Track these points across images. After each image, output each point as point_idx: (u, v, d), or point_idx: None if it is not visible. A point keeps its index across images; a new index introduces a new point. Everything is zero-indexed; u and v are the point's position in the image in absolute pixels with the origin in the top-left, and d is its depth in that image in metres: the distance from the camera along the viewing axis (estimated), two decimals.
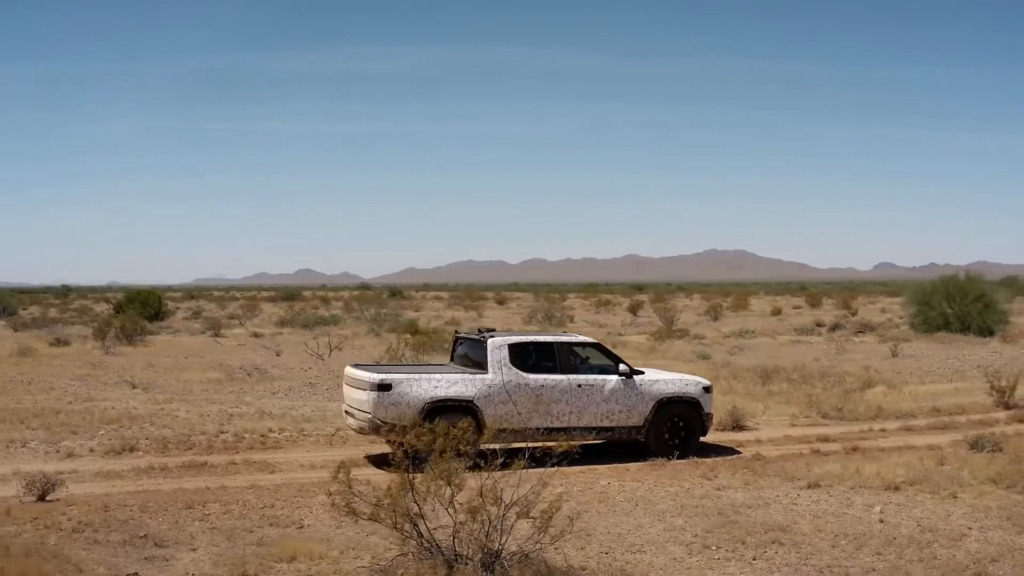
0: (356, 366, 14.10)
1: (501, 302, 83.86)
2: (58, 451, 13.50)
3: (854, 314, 50.00)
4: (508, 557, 7.70)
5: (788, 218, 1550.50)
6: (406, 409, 12.65)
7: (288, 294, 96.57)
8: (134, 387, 20.07)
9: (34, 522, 9.48)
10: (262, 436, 14.77)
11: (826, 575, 8.16)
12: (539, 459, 8.30)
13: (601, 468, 12.79)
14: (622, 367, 13.80)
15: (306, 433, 15.16)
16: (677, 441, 13.75)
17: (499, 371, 13.18)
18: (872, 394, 19.90)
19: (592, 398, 13.52)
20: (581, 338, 14.46)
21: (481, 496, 7.66)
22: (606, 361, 13.97)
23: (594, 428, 13.60)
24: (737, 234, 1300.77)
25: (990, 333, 33.31)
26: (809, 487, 11.35)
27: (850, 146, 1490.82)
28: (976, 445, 13.35)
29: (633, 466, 13.03)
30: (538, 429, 13.01)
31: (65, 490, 10.65)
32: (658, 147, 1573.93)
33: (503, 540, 7.72)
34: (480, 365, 13.49)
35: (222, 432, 14.94)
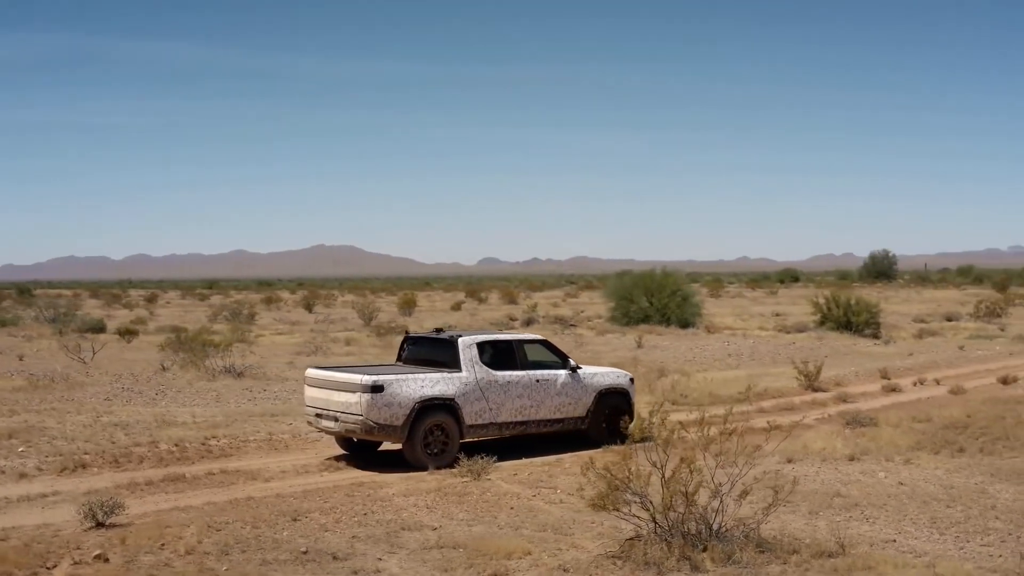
0: (326, 368, 13.82)
1: (151, 299, 79.39)
2: (3, 472, 11.91)
3: (533, 308, 53.36)
4: (734, 532, 8.53)
5: (395, 214, 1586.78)
6: (398, 409, 12.77)
7: None
8: None
9: (166, 548, 8.66)
10: (203, 445, 13.89)
11: (940, 524, 9.71)
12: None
13: (567, 457, 13.63)
14: (571, 362, 14.71)
15: (242, 439, 14.44)
16: (613, 429, 14.89)
17: (472, 369, 13.59)
18: (670, 381, 22.07)
19: (548, 392, 14.30)
20: (532, 336, 15.27)
21: (713, 480, 8.48)
22: (553, 357, 14.79)
23: (548, 420, 14.40)
24: (345, 230, 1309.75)
25: (690, 325, 37.36)
26: (789, 462, 12.96)
27: (456, 143, 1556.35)
28: (854, 421, 15.75)
29: (595, 453, 13.98)
30: (506, 423, 13.79)
31: (125, 513, 9.69)
32: (264, 142, 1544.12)
33: (723, 518, 8.55)
34: (439, 364, 13.80)
35: (155, 443, 13.83)
